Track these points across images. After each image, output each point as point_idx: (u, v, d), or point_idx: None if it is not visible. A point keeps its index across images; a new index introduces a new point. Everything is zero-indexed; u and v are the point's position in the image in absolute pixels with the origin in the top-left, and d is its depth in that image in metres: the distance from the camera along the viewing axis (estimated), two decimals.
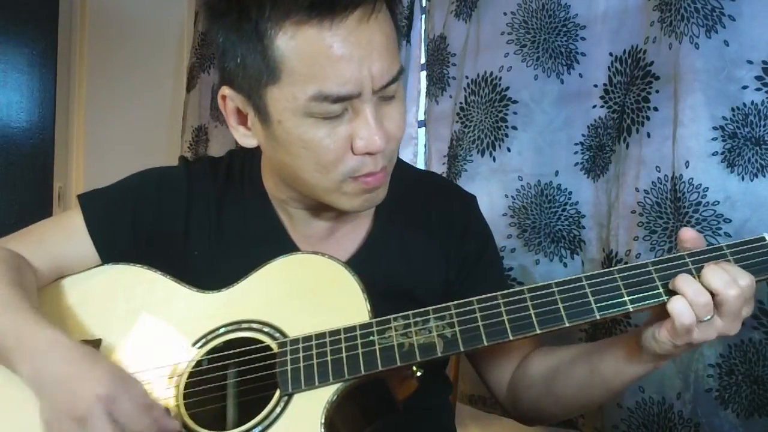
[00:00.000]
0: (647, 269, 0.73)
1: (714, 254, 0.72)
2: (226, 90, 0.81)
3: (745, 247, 0.72)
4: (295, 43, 0.73)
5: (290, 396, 0.76)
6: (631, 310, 0.72)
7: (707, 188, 1.06)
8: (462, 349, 0.74)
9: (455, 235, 0.95)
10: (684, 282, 0.70)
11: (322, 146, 0.77)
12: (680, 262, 0.72)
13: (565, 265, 1.28)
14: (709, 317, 0.69)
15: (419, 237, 0.94)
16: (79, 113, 2.42)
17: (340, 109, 0.75)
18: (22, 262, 0.89)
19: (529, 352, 0.93)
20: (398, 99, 0.81)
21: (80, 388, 0.72)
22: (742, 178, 1.04)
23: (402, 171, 0.97)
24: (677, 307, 0.70)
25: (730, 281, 0.69)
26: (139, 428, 0.72)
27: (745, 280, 0.70)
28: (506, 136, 1.34)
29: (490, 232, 1.01)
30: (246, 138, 0.84)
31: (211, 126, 2.23)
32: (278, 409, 0.76)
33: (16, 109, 2.34)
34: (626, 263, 1.11)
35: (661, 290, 0.71)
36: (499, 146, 1.35)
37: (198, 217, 0.93)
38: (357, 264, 0.85)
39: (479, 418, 1.45)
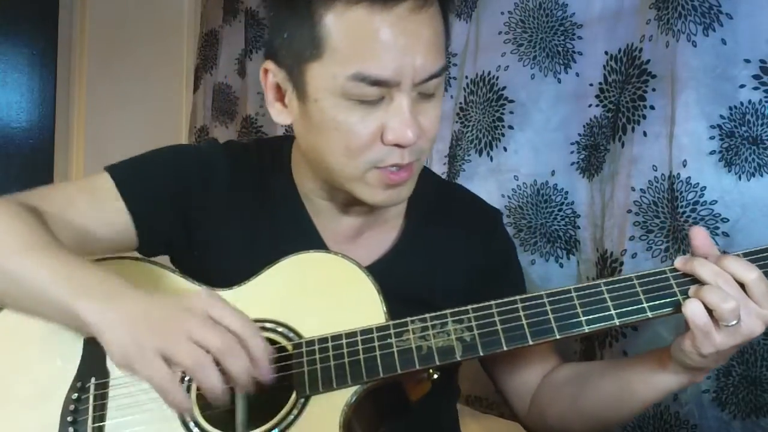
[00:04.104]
0: (666, 275, 0.73)
1: None
2: (269, 64, 0.82)
3: (763, 255, 0.72)
4: (343, 22, 0.74)
5: (307, 398, 0.75)
6: (651, 316, 0.72)
7: (705, 187, 1.05)
8: (481, 353, 0.73)
9: (479, 251, 0.95)
10: (706, 290, 0.70)
11: (353, 131, 0.77)
12: None
13: (561, 265, 1.27)
14: (734, 322, 0.69)
15: (445, 248, 0.94)
16: (79, 113, 2.42)
17: (377, 95, 0.75)
18: (38, 213, 0.81)
19: (553, 368, 0.93)
20: (437, 98, 0.81)
21: (168, 300, 0.69)
22: (740, 178, 1.03)
23: (433, 181, 0.99)
24: (690, 309, 0.70)
25: (720, 272, 0.69)
26: (237, 323, 0.68)
27: (752, 273, 0.69)
28: (503, 135, 1.33)
29: (513, 248, 1.02)
30: (281, 115, 0.84)
31: (212, 126, 2.23)
32: (295, 411, 0.75)
33: (16, 109, 2.35)
34: (621, 263, 1.12)
35: (679, 297, 0.71)
36: (496, 146, 1.34)
37: (229, 202, 0.92)
38: (382, 267, 0.85)
39: (480, 418, 1.45)
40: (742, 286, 0.70)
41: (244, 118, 2.09)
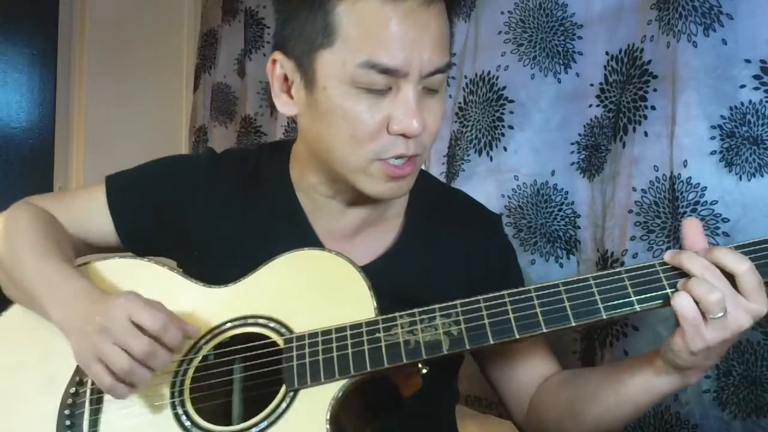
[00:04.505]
0: (655, 269, 0.73)
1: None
2: (277, 55, 0.84)
3: (755, 247, 0.72)
4: (355, 12, 0.76)
5: (296, 392, 0.77)
6: (638, 310, 0.72)
7: (705, 187, 1.05)
8: (468, 347, 0.74)
9: (479, 253, 0.96)
10: (692, 282, 0.70)
11: (360, 119, 0.78)
12: None
13: (561, 265, 1.27)
14: (721, 314, 0.69)
15: (444, 250, 0.95)
16: (79, 113, 2.42)
17: (384, 84, 0.77)
18: (55, 219, 0.93)
19: (551, 373, 0.93)
20: (440, 95, 0.83)
21: (101, 308, 0.77)
22: (740, 178, 1.04)
23: (434, 183, 1.01)
24: (678, 301, 0.70)
25: (707, 265, 0.70)
26: (152, 321, 0.75)
27: (743, 265, 0.69)
28: (503, 135, 1.33)
29: (513, 252, 1.02)
30: (287, 106, 0.86)
31: (211, 126, 2.23)
32: (284, 405, 0.76)
33: (16, 109, 2.35)
34: (622, 263, 1.12)
35: (668, 291, 0.71)
36: (496, 146, 1.34)
37: (221, 204, 0.94)
38: (381, 266, 0.86)
39: (479, 418, 1.45)
40: (732, 279, 0.70)
41: (243, 118, 2.09)
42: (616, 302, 0.72)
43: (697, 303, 0.70)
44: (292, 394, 0.77)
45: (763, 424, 1.02)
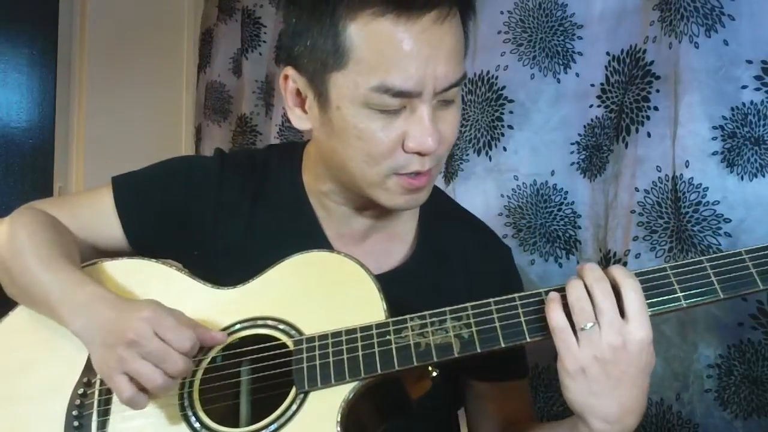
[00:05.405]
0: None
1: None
2: (289, 71, 0.83)
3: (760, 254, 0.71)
4: (367, 33, 0.74)
5: (306, 394, 0.77)
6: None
7: (707, 188, 1.05)
8: (479, 350, 0.74)
9: (488, 288, 0.94)
10: (571, 284, 0.71)
11: (375, 138, 0.77)
12: (699, 266, 0.71)
13: (561, 265, 1.27)
14: (590, 325, 0.68)
15: (453, 277, 0.94)
16: (79, 113, 2.41)
17: (398, 105, 0.76)
18: (60, 224, 0.92)
19: (518, 421, 0.93)
20: (456, 104, 0.82)
21: (126, 320, 0.76)
22: (742, 178, 1.04)
23: (444, 200, 1.00)
24: (550, 308, 0.70)
25: (600, 277, 0.70)
26: (183, 341, 0.75)
27: (628, 280, 0.68)
28: (502, 135, 1.33)
29: (522, 286, 1.01)
30: (301, 121, 0.85)
31: (204, 125, 2.23)
32: (294, 407, 0.76)
33: (16, 109, 2.35)
34: (625, 263, 1.12)
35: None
36: (495, 145, 1.34)
37: (230, 206, 0.93)
38: (391, 280, 0.85)
39: None
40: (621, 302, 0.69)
41: (239, 117, 2.09)
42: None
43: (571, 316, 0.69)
44: (302, 396, 0.76)
45: (765, 423, 1.02)
